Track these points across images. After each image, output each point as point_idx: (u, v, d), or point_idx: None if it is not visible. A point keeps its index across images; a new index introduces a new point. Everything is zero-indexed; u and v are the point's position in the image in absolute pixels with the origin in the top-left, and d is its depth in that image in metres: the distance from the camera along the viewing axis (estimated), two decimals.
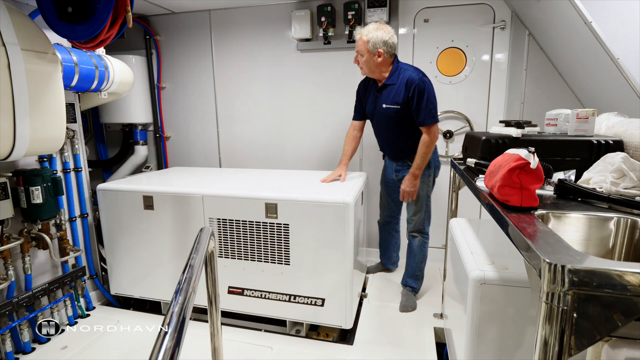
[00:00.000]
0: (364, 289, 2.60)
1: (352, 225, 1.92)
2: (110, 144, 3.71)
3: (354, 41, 2.84)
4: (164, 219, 2.20)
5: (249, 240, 2.07)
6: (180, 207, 2.15)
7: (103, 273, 2.58)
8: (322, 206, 1.91)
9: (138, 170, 3.60)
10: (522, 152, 1.01)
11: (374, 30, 2.05)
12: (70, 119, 2.27)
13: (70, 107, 2.26)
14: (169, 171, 2.86)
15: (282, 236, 2.00)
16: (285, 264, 2.03)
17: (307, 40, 2.96)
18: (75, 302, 2.29)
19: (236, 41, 3.18)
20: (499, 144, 1.45)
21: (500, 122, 1.69)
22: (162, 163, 3.59)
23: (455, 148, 2.93)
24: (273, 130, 3.25)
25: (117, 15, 1.69)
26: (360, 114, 2.40)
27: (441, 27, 2.78)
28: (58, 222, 2.17)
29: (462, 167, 1.76)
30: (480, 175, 1.41)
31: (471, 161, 1.48)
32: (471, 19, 2.72)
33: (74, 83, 2.02)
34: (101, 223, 2.37)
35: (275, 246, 2.03)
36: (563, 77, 2.55)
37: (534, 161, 0.96)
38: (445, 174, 2.95)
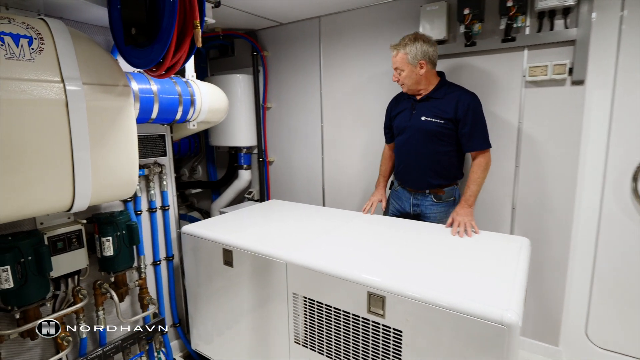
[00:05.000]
0: None
1: (514, 356, 1.11)
2: (219, 165, 3.64)
3: (511, 39, 2.02)
4: (242, 280, 1.77)
5: (342, 336, 1.45)
6: (261, 270, 1.68)
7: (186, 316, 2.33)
8: (462, 319, 1.15)
9: (241, 194, 3.41)
10: None
11: (411, 43, 1.88)
12: (160, 152, 2.05)
13: (160, 139, 2.03)
14: (265, 207, 2.45)
15: (391, 346, 1.32)
16: None
17: (441, 42, 2.20)
18: (155, 354, 2.06)
19: (347, 51, 2.62)
20: None
21: None
22: (264, 189, 3.30)
23: None
24: None
25: (185, 34, 1.29)
26: (391, 134, 2.21)
27: None
28: (137, 269, 1.94)
29: None
30: None
31: None
32: None
33: (153, 115, 1.75)
34: (184, 265, 2.10)
35: (380, 357, 1.36)
36: None
37: None
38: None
